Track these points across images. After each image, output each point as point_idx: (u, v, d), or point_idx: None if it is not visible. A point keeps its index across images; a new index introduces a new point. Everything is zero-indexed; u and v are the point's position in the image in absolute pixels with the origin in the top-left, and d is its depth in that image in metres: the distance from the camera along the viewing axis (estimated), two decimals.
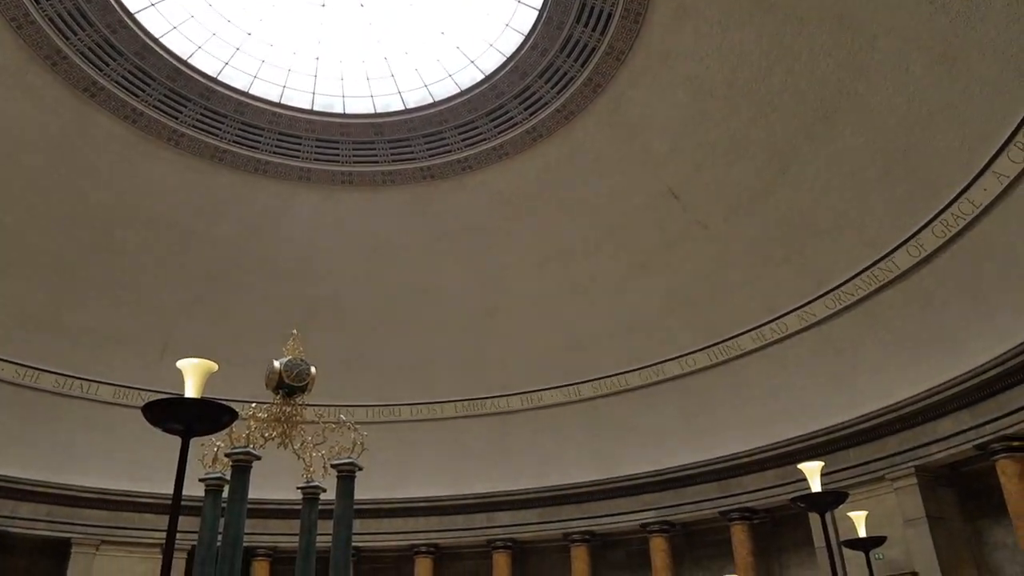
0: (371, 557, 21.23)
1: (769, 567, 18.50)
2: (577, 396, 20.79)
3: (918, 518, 14.95)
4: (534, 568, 21.30)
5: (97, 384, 19.24)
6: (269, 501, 18.50)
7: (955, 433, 14.60)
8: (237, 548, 12.21)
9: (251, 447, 12.73)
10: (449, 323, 20.98)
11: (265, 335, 17.40)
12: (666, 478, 19.05)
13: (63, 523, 18.16)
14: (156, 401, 5.60)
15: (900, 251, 15.47)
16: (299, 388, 13.43)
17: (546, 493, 20.29)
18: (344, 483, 13.49)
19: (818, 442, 16.18)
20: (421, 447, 21.03)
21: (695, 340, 19.04)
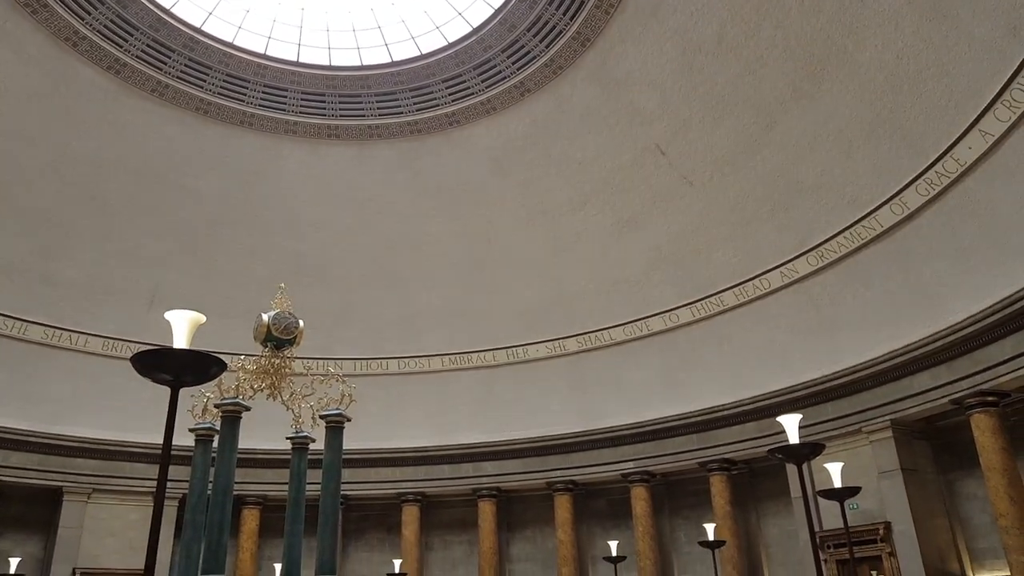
0: (359, 505, 21.69)
1: (746, 516, 19.04)
2: (562, 350, 21.06)
3: (892, 470, 15.38)
4: (518, 515, 21.85)
5: (86, 336, 19.29)
6: (259, 451, 18.80)
7: (931, 388, 14.94)
8: (227, 496, 12.46)
9: (240, 398, 12.90)
10: (436, 278, 21.09)
11: (253, 288, 17.50)
12: (647, 430, 19.46)
13: (54, 472, 18.40)
14: (145, 352, 5.68)
15: (883, 209, 15.61)
16: (287, 341, 13.56)
17: (531, 444, 20.70)
18: (333, 433, 13.73)
19: (797, 396, 16.52)
20: (408, 399, 21.31)
21: (679, 296, 19.25)
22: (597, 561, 20.00)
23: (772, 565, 18.69)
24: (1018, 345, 13.36)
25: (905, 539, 14.88)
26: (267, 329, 13.39)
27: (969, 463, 14.99)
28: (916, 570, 14.54)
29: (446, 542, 21.93)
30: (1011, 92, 12.97)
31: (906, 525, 14.92)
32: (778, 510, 18.37)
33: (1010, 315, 13.36)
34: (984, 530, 14.94)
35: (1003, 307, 13.40)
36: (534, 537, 21.55)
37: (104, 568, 18.07)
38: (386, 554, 20.80)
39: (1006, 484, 13.48)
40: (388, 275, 21.09)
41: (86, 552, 18.17)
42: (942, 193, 14.61)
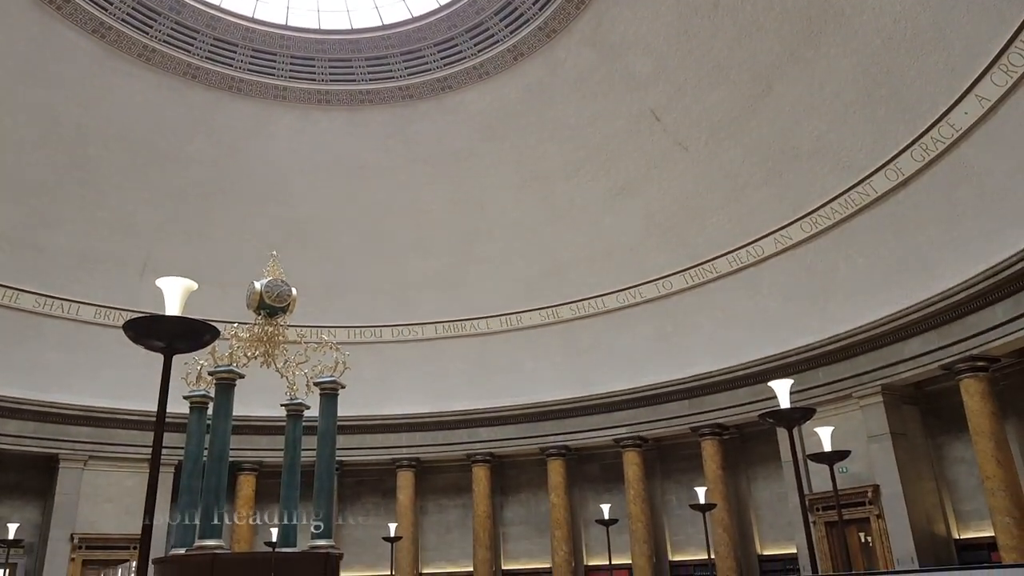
0: (355, 470, 21.88)
1: (737, 480, 19.29)
2: (555, 318, 21.10)
3: (882, 434, 15.55)
4: (512, 480, 22.09)
5: (78, 304, 19.22)
6: (254, 418, 18.85)
7: (922, 353, 15.05)
8: (223, 462, 12.55)
9: (234, 366, 12.93)
10: (429, 246, 21.03)
11: (245, 257, 17.43)
12: (640, 396, 19.60)
13: (50, 439, 18.46)
14: (138, 319, 5.65)
15: (878, 175, 15.57)
16: (280, 309, 13.55)
17: (524, 410, 20.84)
18: (327, 400, 13.81)
19: (789, 361, 16.62)
20: (403, 367, 21.37)
21: (672, 263, 19.25)
22: (589, 524, 20.26)
23: (762, 527, 18.98)
24: (1009, 311, 13.42)
25: (893, 501, 15.11)
26: (260, 297, 13.38)
27: (957, 427, 15.16)
28: (903, 531, 14.79)
29: (441, 506, 22.17)
30: (1009, 56, 12.86)
31: (894, 488, 15.13)
32: (768, 474, 18.60)
33: (1002, 281, 13.40)
34: (970, 492, 15.16)
35: (995, 273, 13.43)
36: (528, 501, 21.80)
37: (102, 533, 18.24)
38: (382, 518, 21.01)
39: (993, 447, 13.66)
40: (381, 243, 21.01)
41: (84, 518, 18.32)
42: (937, 159, 14.56)
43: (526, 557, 21.22)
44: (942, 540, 15.18)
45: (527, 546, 21.31)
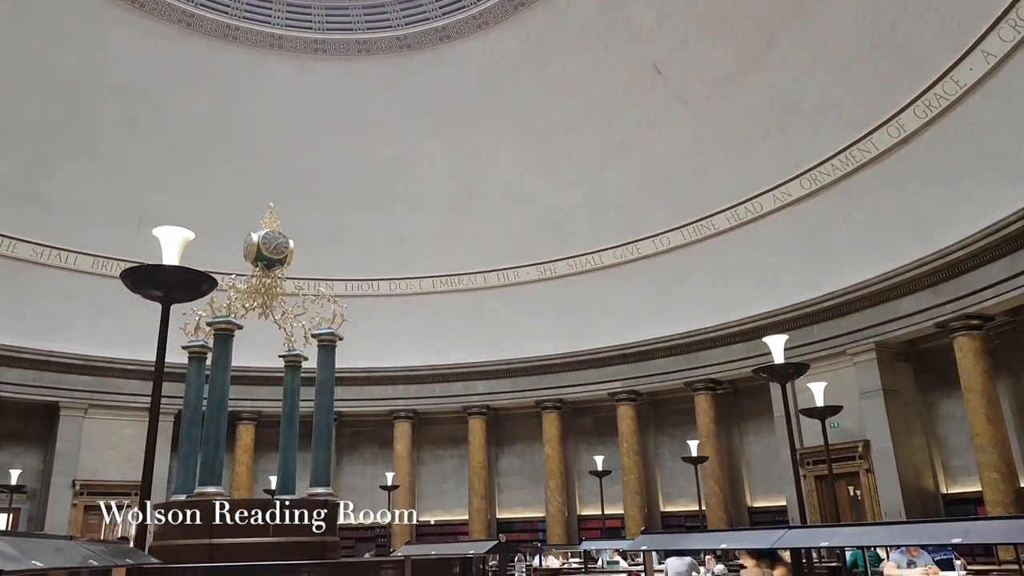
0: (353, 421, 22.16)
1: (729, 434, 19.57)
2: (552, 273, 21.14)
3: (874, 390, 15.73)
4: (507, 432, 22.40)
5: (75, 254, 19.22)
6: (253, 368, 18.98)
7: (917, 311, 15.13)
8: (222, 411, 12.69)
9: (232, 316, 13.00)
10: (427, 200, 20.94)
11: (242, 208, 17.30)
12: (635, 351, 19.77)
13: (50, 388, 18.62)
14: (136, 267, 5.69)
15: (880, 131, 15.45)
16: (278, 261, 13.57)
17: (520, 364, 21.03)
18: (325, 352, 13.92)
19: (784, 318, 16.71)
20: (400, 320, 21.47)
21: (670, 219, 19.21)
22: (583, 475, 20.60)
23: (752, 480, 19.32)
24: (1006, 269, 13.46)
25: (883, 456, 15.35)
26: (257, 248, 13.38)
27: (949, 385, 15.33)
28: (892, 486, 15.06)
29: (437, 456, 22.51)
30: (1018, 10, 12.64)
31: (885, 443, 15.36)
32: (760, 428, 18.87)
33: (1000, 240, 13.41)
34: (960, 449, 15.39)
35: (993, 231, 13.43)
36: (522, 452, 22.14)
37: (103, 480, 18.52)
38: (379, 467, 21.36)
39: (984, 405, 13.83)
40: (378, 197, 20.91)
41: (85, 465, 18.59)
42: (940, 116, 14.43)
43: (520, 506, 21.63)
44: (930, 494, 15.47)
45: (522, 496, 21.72)
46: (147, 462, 5.56)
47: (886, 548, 9.76)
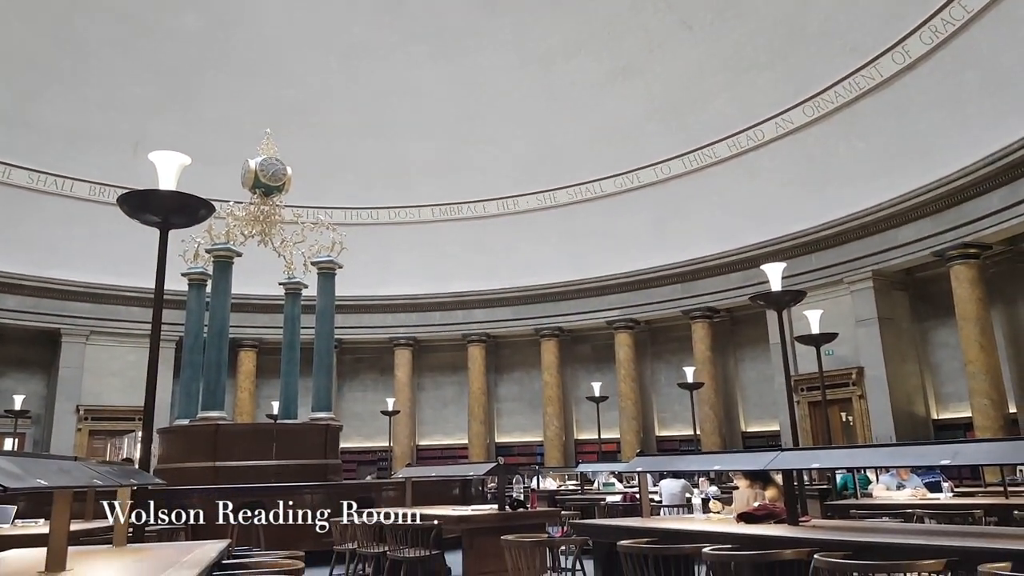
0: (353, 348, 22.39)
1: (725, 361, 19.83)
2: (552, 202, 21.04)
3: (870, 318, 15.86)
4: (507, 359, 22.68)
5: (72, 181, 19.07)
6: (253, 296, 19.11)
7: (915, 240, 15.13)
8: (223, 338, 12.86)
9: (231, 244, 13.03)
10: (426, 128, 20.65)
11: (239, 135, 17.15)
12: (634, 280, 19.85)
13: (51, 315, 18.73)
14: (132, 192, 5.63)
15: (885, 58, 15.17)
16: (275, 188, 13.55)
17: (520, 293, 21.14)
18: (324, 280, 14.01)
19: (783, 247, 16.71)
20: (400, 248, 21.46)
21: (672, 147, 19.01)
22: (580, 401, 20.95)
23: (747, 406, 19.67)
24: (1006, 198, 13.41)
25: (876, 383, 15.60)
26: (255, 175, 13.33)
27: (944, 313, 15.45)
28: (884, 411, 15.34)
29: (437, 383, 22.85)
30: None
31: (878, 370, 15.58)
32: (756, 355, 19.10)
33: (1001, 168, 13.32)
34: (952, 376, 15.62)
35: (995, 159, 13.33)
36: (521, 379, 22.46)
37: (107, 405, 18.84)
38: (380, 393, 21.69)
39: (978, 333, 13.98)
40: (378, 124, 20.60)
41: (88, 390, 18.86)
42: (946, 42, 14.14)
43: (519, 431, 22.07)
44: (921, 420, 15.77)
45: (520, 421, 22.14)
46: (149, 388, 5.64)
47: (876, 471, 10.02)
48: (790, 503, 5.24)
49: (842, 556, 3.83)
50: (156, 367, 5.64)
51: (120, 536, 4.44)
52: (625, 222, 19.96)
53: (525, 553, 5.29)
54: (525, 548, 5.30)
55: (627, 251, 19.80)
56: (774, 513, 5.35)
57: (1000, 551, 3.38)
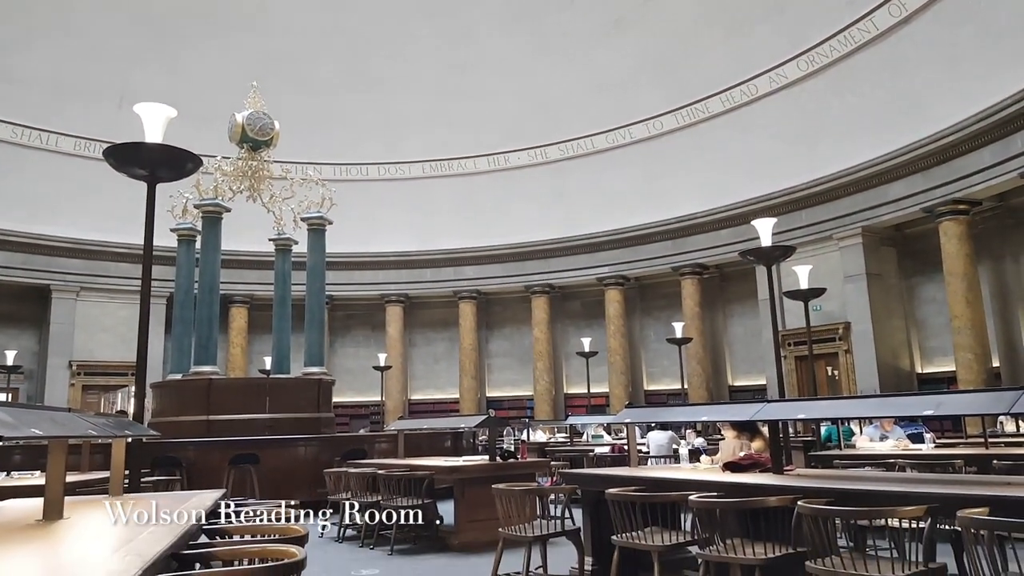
0: (344, 305, 22.42)
1: (714, 317, 19.97)
2: (543, 158, 20.92)
3: (858, 274, 15.97)
4: (497, 315, 22.79)
5: (56, 135, 18.81)
6: (243, 253, 19.07)
7: (905, 196, 15.16)
8: (213, 293, 12.86)
9: (219, 199, 12.95)
10: (416, 82, 20.38)
11: (225, 89, 16.88)
12: (625, 236, 19.87)
13: (41, 271, 18.63)
14: (119, 145, 5.60)
15: (881, 11, 15.01)
16: (263, 142, 13.42)
17: (510, 250, 21.14)
18: (315, 236, 13.97)
19: (773, 203, 16.70)
20: (390, 205, 21.34)
21: (664, 102, 18.87)
22: (570, 356, 21.12)
23: (734, 361, 19.89)
24: (997, 154, 13.41)
25: (862, 338, 15.77)
26: (242, 129, 13.19)
27: (932, 269, 15.57)
28: (869, 365, 15.54)
29: (428, 339, 22.96)
30: None
31: (865, 325, 15.75)
32: (744, 311, 19.25)
33: (994, 123, 13.30)
34: (937, 331, 15.81)
35: (988, 115, 13.30)
36: (512, 335, 22.59)
37: (99, 360, 18.86)
38: (371, 349, 21.80)
39: (965, 288, 14.11)
40: (366, 79, 20.31)
41: (80, 346, 18.87)
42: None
43: (510, 386, 22.28)
44: (905, 374, 16.00)
45: (511, 376, 22.33)
46: (141, 342, 5.66)
47: (859, 423, 10.19)
48: (775, 453, 5.35)
49: (825, 503, 3.92)
50: (147, 321, 5.65)
51: (116, 486, 4.50)
52: (616, 178, 19.89)
53: (515, 501, 5.39)
54: (515, 497, 5.40)
55: (618, 208, 19.77)
56: (759, 463, 5.46)
57: (978, 497, 3.47)
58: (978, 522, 3.07)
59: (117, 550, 2.42)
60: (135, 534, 2.74)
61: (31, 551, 2.46)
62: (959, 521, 3.15)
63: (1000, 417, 11.23)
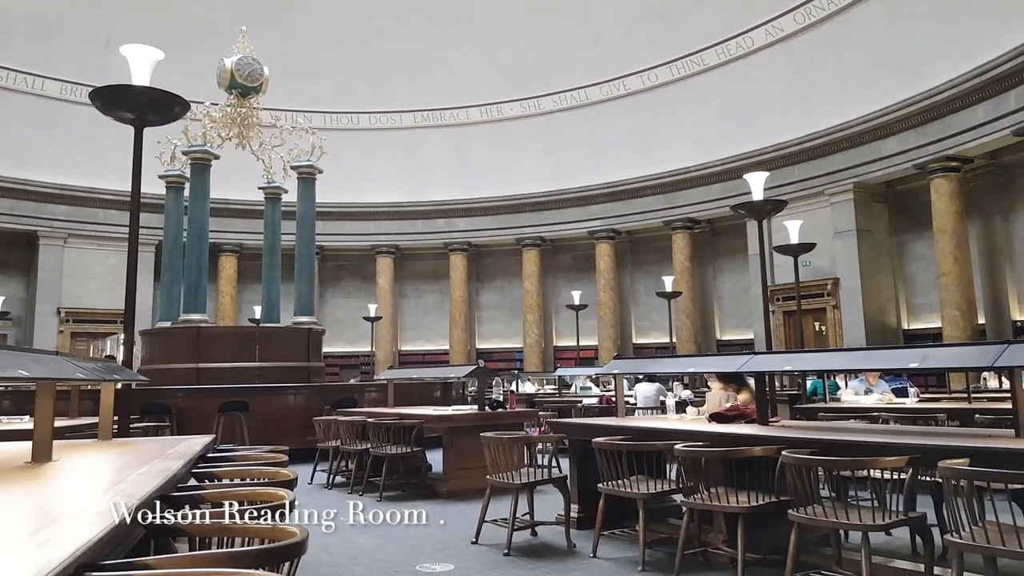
0: (335, 255, 22.34)
1: (704, 271, 20.03)
2: (536, 110, 20.70)
3: (848, 230, 16.00)
4: (488, 268, 22.79)
5: (43, 79, 18.44)
6: (232, 201, 18.91)
7: (898, 152, 15.11)
8: (203, 241, 12.78)
9: (208, 146, 12.79)
10: (407, 30, 20.03)
11: (214, 34, 16.57)
12: (617, 190, 19.80)
13: (28, 216, 18.42)
14: (105, 87, 5.48)
15: None
16: (252, 88, 13.21)
17: (502, 202, 21.05)
18: (304, 184, 13.85)
19: (766, 158, 16.64)
20: (381, 155, 21.13)
21: (659, 54, 18.63)
22: (560, 309, 21.21)
23: (723, 315, 20.00)
24: (991, 111, 13.36)
25: (850, 293, 15.87)
26: (231, 75, 12.97)
27: (922, 226, 15.60)
28: (856, 321, 15.67)
29: (419, 290, 22.96)
30: None
31: (853, 280, 15.84)
32: (734, 266, 19.30)
33: (989, 80, 13.22)
34: (925, 287, 15.92)
35: (983, 72, 13.21)
36: (502, 287, 22.62)
37: (87, 308, 18.79)
38: (362, 300, 21.80)
39: (953, 246, 14.17)
40: (358, 27, 19.93)
41: (69, 293, 18.77)
42: None
43: (500, 338, 22.38)
44: (891, 330, 16.14)
45: (501, 328, 22.42)
46: (129, 289, 5.63)
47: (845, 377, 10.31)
48: (760, 405, 5.41)
49: (808, 453, 3.97)
50: (135, 268, 5.61)
51: (105, 430, 4.52)
52: (609, 131, 19.73)
53: (503, 449, 5.45)
54: (503, 445, 5.46)
55: (610, 161, 19.65)
56: (745, 414, 5.52)
57: (959, 448, 3.52)
58: (958, 472, 3.12)
59: (106, 490, 2.43)
60: (124, 475, 2.76)
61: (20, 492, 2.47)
62: (940, 471, 3.20)
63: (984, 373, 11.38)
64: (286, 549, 1.82)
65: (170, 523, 2.10)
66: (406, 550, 5.28)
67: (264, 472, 3.30)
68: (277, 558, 1.80)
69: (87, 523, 1.68)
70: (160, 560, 1.72)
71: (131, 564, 1.62)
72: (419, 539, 5.62)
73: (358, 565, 4.89)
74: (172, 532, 2.10)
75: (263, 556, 1.78)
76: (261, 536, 1.98)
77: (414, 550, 5.27)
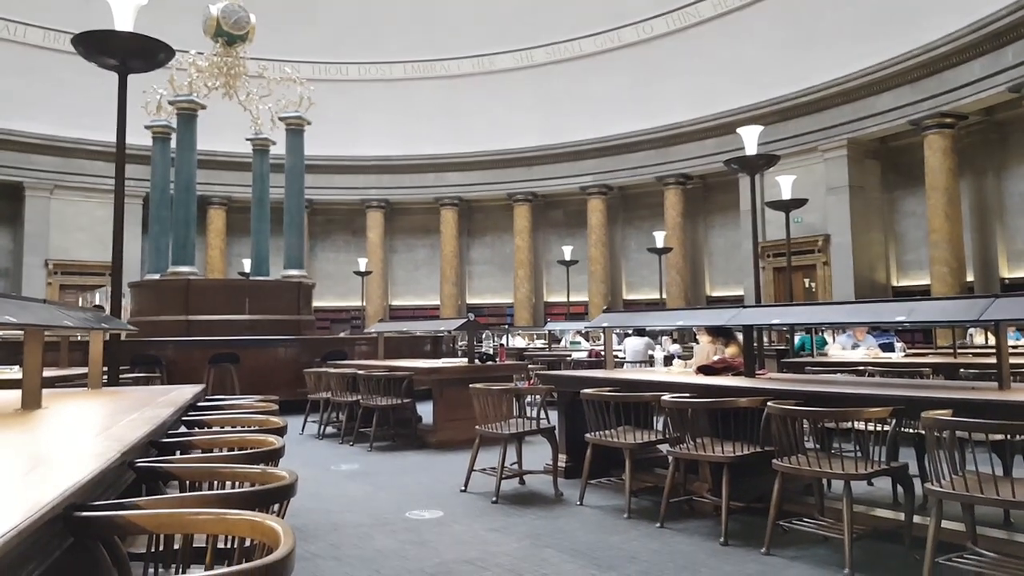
0: (324, 209, 22.18)
1: (695, 227, 20.01)
2: (529, 61, 20.41)
3: (840, 187, 15.97)
4: (479, 223, 22.69)
5: (25, 26, 18.02)
6: (220, 153, 18.69)
7: (893, 108, 15.01)
8: (190, 193, 12.66)
9: (194, 96, 12.60)
10: None
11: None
12: (610, 145, 19.65)
13: (12, 167, 18.16)
14: (88, 32, 5.37)
15: None
16: (239, 37, 12.98)
17: (494, 156, 20.88)
18: (293, 136, 13.70)
19: (760, 113, 16.47)
20: (370, 107, 20.86)
21: (655, 5, 18.34)
22: (551, 264, 21.21)
23: (713, 272, 20.05)
24: (988, 67, 13.25)
25: (841, 250, 15.92)
26: (216, 23, 12.72)
27: (914, 182, 15.58)
28: (846, 277, 15.76)
29: (409, 245, 22.89)
30: None
31: (844, 237, 15.87)
32: (726, 223, 19.28)
33: (987, 35, 13.09)
34: (915, 244, 15.98)
35: (980, 26, 13.08)
36: (493, 243, 22.57)
37: (75, 260, 18.66)
38: (352, 254, 21.73)
39: (945, 203, 14.18)
40: None
41: (56, 245, 18.62)
42: None
43: (490, 293, 22.41)
44: (880, 286, 16.23)
45: (491, 283, 22.43)
46: (116, 241, 5.58)
47: (833, 332, 10.39)
48: (748, 357, 5.45)
49: (794, 404, 4.02)
50: (122, 219, 5.57)
51: (95, 379, 4.52)
52: (603, 84, 19.49)
53: (492, 400, 5.49)
54: (492, 395, 5.50)
55: (603, 115, 19.46)
56: (732, 367, 5.57)
57: (943, 400, 3.57)
58: (941, 423, 3.17)
59: (97, 435, 2.44)
60: (114, 422, 2.77)
61: (11, 437, 2.47)
62: (923, 422, 3.24)
63: (970, 329, 11.49)
64: (276, 491, 1.84)
65: (160, 467, 2.11)
66: (396, 498, 5.36)
67: (254, 420, 3.31)
68: (267, 500, 1.82)
69: (77, 465, 1.69)
70: (149, 501, 1.73)
71: (120, 505, 1.64)
72: (409, 487, 5.70)
73: (349, 512, 4.96)
74: (162, 476, 2.11)
75: (252, 498, 1.79)
76: (251, 480, 2.00)
77: (404, 497, 5.35)
